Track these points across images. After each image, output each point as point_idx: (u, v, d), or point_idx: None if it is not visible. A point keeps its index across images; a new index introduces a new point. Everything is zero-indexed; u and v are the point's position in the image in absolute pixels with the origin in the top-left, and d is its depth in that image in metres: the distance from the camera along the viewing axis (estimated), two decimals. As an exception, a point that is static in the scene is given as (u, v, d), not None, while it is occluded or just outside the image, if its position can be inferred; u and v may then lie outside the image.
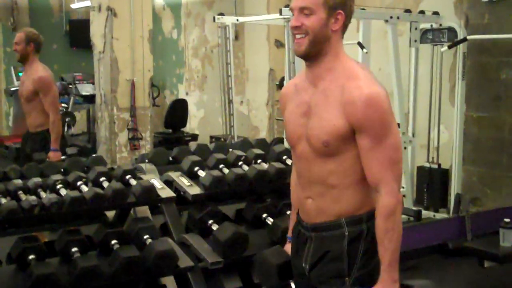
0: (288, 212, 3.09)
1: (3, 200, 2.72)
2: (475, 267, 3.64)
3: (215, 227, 2.91)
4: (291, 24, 1.99)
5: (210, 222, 2.95)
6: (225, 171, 3.17)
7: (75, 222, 2.90)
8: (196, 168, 3.18)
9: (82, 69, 9.02)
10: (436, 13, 5.24)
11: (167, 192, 3.02)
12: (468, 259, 3.64)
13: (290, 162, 3.32)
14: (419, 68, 5.33)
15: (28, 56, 4.64)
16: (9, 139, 7.02)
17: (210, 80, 8.94)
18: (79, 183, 2.89)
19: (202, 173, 3.14)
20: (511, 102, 4.87)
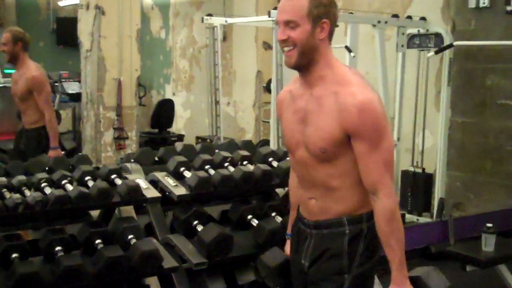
0: (273, 214, 3.11)
1: (-14, 198, 2.69)
2: (458, 271, 3.67)
3: (200, 228, 2.91)
4: (278, 38, 1.99)
5: (195, 223, 2.95)
6: (211, 172, 3.17)
7: (60, 221, 2.88)
8: (182, 169, 3.18)
9: (69, 67, 8.97)
10: (423, 18, 5.28)
11: (152, 192, 3.00)
12: (450, 263, 3.68)
13: (276, 164, 3.33)
14: (405, 73, 5.37)
15: (18, 56, 4.62)
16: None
17: (197, 81, 8.93)
18: (64, 182, 2.87)
19: (188, 173, 3.13)
20: (496, 108, 4.92)
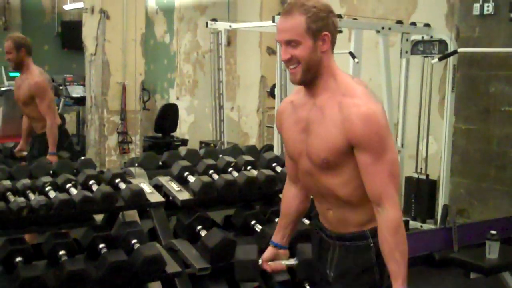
0: (276, 219, 3.10)
1: (-9, 201, 2.70)
2: (461, 279, 3.67)
3: (203, 233, 2.91)
4: (282, 59, 1.99)
5: (199, 228, 2.95)
6: (214, 177, 3.17)
7: (64, 225, 2.88)
8: (186, 174, 3.18)
9: (73, 70, 9.00)
10: (427, 25, 5.28)
11: (156, 197, 3.01)
12: (454, 270, 3.67)
13: (280, 169, 3.33)
14: (409, 79, 5.36)
15: (22, 62, 4.61)
16: (-1, 139, 6.96)
17: (201, 86, 8.94)
18: (68, 186, 2.87)
19: (192, 178, 3.14)
20: (499, 115, 4.92)
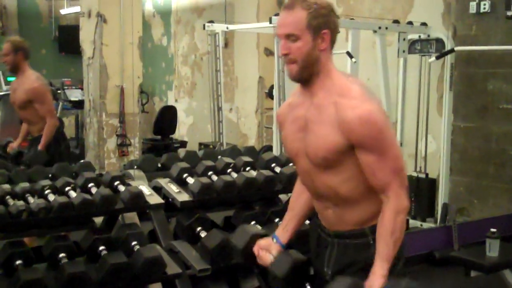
0: (276, 220, 3.10)
1: (-10, 205, 2.70)
2: (462, 277, 3.66)
3: (203, 234, 2.90)
4: (280, 53, 1.99)
5: (199, 229, 2.94)
6: (213, 178, 3.17)
7: (63, 228, 2.88)
8: (185, 175, 3.18)
9: (71, 74, 9.00)
10: (424, 24, 5.29)
11: (155, 199, 3.00)
12: (454, 269, 3.67)
13: (279, 170, 3.33)
14: (407, 78, 5.37)
15: (19, 65, 4.61)
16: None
17: (200, 87, 8.94)
18: (67, 189, 2.87)
19: (191, 180, 3.13)
20: (497, 112, 4.92)
